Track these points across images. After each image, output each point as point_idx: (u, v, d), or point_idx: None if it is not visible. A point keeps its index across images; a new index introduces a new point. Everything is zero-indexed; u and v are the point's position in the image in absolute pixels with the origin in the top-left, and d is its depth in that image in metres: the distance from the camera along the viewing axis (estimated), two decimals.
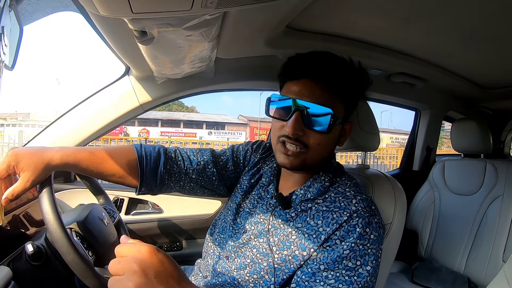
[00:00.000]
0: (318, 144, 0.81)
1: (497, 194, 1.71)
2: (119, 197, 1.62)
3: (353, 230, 0.74)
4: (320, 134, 0.79)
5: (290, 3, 0.85)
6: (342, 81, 0.81)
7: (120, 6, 0.63)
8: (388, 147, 23.95)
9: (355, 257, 0.73)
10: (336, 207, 0.79)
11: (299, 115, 0.78)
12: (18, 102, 50.85)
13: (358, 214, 0.76)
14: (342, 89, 0.81)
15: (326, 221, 0.77)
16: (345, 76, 0.82)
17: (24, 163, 0.75)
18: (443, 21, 1.16)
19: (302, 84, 0.81)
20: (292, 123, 0.78)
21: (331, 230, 0.76)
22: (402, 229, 1.00)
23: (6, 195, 0.74)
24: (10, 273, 0.79)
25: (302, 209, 0.83)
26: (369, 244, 0.74)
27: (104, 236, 0.97)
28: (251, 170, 1.01)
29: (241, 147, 1.06)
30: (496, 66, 1.67)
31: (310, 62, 0.83)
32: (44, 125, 1.47)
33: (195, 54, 1.08)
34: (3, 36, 0.51)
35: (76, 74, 78.14)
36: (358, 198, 0.79)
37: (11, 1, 0.52)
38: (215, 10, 0.71)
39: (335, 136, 0.86)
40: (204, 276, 0.96)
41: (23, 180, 0.75)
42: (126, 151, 0.93)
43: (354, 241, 0.74)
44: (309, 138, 0.80)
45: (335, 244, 0.75)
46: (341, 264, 0.73)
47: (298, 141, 0.80)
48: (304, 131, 0.79)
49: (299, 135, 0.79)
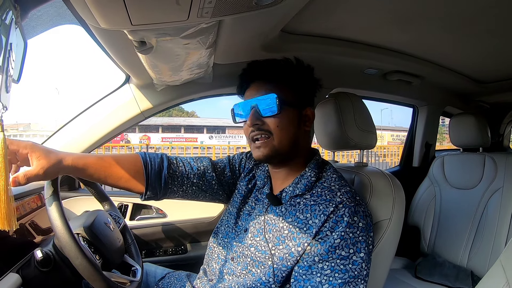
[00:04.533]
0: (278, 127, 0.89)
1: (496, 187, 1.72)
2: (123, 203, 1.64)
3: (341, 220, 0.79)
4: (275, 118, 0.89)
5: (283, 9, 0.88)
6: (279, 72, 0.93)
7: (120, 19, 0.66)
8: (390, 144, 23.93)
9: (347, 245, 0.77)
10: (323, 200, 0.83)
11: (254, 110, 0.90)
12: (18, 113, 50.98)
13: (343, 205, 0.80)
14: (283, 78, 0.92)
15: (314, 213, 0.82)
16: (280, 67, 0.94)
17: (41, 152, 0.75)
18: (437, 19, 1.18)
19: (249, 89, 0.95)
20: (250, 117, 0.90)
21: (320, 222, 0.80)
22: (401, 224, 1.01)
23: (17, 176, 0.73)
24: (20, 280, 0.82)
25: (291, 205, 0.88)
26: (358, 232, 0.79)
27: (110, 240, 0.98)
28: (247, 176, 1.08)
29: (236, 156, 1.14)
30: (491, 60, 1.68)
31: (249, 71, 0.96)
32: (45, 135, 1.49)
33: (193, 61, 1.11)
34: (11, 52, 0.53)
35: (75, 84, 78.31)
36: (342, 191, 0.84)
37: (16, 18, 0.55)
38: (210, 19, 0.74)
39: (293, 119, 0.92)
40: (210, 280, 1.00)
41: (37, 166, 0.74)
42: (131, 157, 0.97)
43: (343, 230, 0.78)
44: (268, 124, 0.90)
45: (326, 236, 0.78)
46: (335, 254, 0.77)
47: (261, 129, 0.90)
48: (262, 120, 0.90)
49: (258, 124, 0.90)
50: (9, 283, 0.78)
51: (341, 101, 1.13)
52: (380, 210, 0.98)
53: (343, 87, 1.73)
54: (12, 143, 0.72)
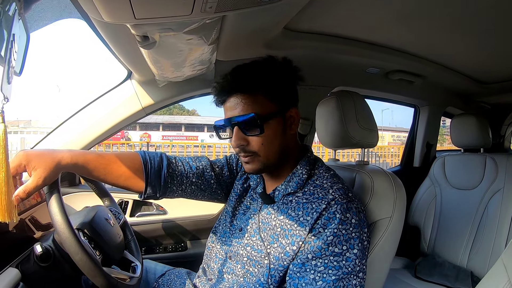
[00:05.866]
0: (262, 145, 0.86)
1: (497, 187, 1.72)
2: (123, 200, 1.64)
3: (333, 216, 0.78)
4: (259, 137, 0.85)
5: (286, 5, 0.88)
6: (251, 81, 0.85)
7: (124, 12, 0.65)
8: (390, 145, 23.94)
9: (340, 242, 0.77)
10: (315, 198, 0.83)
11: (237, 129, 0.86)
12: (19, 109, 50.96)
13: (336, 202, 0.79)
14: (257, 88, 0.85)
15: (306, 211, 0.81)
16: (253, 75, 0.86)
17: (36, 162, 0.76)
18: (439, 18, 1.18)
19: (227, 103, 0.88)
20: (234, 138, 0.86)
21: (312, 220, 0.79)
22: (402, 224, 1.01)
23: (18, 193, 0.73)
24: (19, 275, 0.81)
25: (283, 202, 0.88)
26: (351, 228, 0.78)
27: (110, 236, 0.98)
28: (243, 176, 1.08)
29: (233, 156, 1.13)
30: (493, 61, 1.68)
31: (222, 83, 0.88)
32: (45, 132, 1.48)
33: (196, 57, 1.10)
34: (14, 43, 0.53)
35: (76, 80, 78.29)
36: (334, 188, 0.83)
37: (20, 10, 0.55)
38: (214, 14, 0.73)
39: (277, 129, 0.87)
40: (209, 279, 1.00)
41: (35, 177, 0.75)
42: (131, 155, 0.97)
43: (336, 226, 0.77)
44: (253, 144, 0.86)
45: (319, 233, 0.78)
46: (328, 251, 0.77)
47: (245, 151, 0.87)
48: (246, 139, 0.86)
49: (243, 145, 0.86)
50: (8, 278, 0.78)
51: (343, 99, 1.13)
52: (381, 209, 0.98)
53: (345, 85, 1.72)
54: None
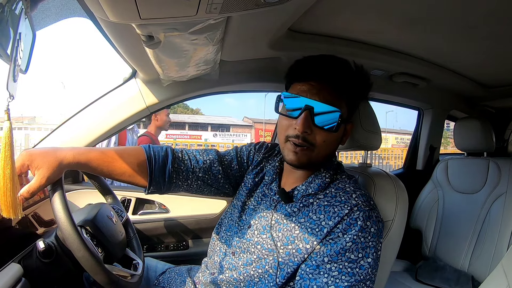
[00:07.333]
0: (324, 142, 0.84)
1: (500, 192, 1.72)
2: (126, 197, 1.64)
3: (354, 223, 0.77)
4: (327, 133, 0.83)
5: (291, 7, 0.87)
6: (346, 83, 0.85)
7: (129, 12, 0.66)
8: (394, 147, 23.86)
9: (357, 249, 0.76)
10: (337, 201, 0.82)
11: (308, 114, 0.82)
12: (23, 106, 51.32)
13: (358, 208, 0.79)
14: (346, 91, 0.85)
15: (328, 215, 0.80)
16: (349, 78, 0.86)
17: (39, 161, 0.77)
18: (444, 21, 1.17)
19: (310, 85, 0.84)
20: (301, 121, 0.81)
21: (333, 224, 0.79)
22: (403, 227, 1.01)
23: (22, 193, 0.74)
24: (21, 270, 0.82)
25: (304, 204, 0.86)
26: (369, 237, 0.77)
27: (112, 234, 0.98)
28: (255, 169, 1.05)
29: (244, 148, 1.10)
30: (498, 64, 1.67)
31: (318, 65, 0.87)
32: (50, 129, 1.49)
33: (200, 57, 1.10)
34: (20, 41, 0.54)
35: (81, 78, 78.63)
36: (357, 193, 0.83)
37: (26, 9, 0.55)
38: (219, 15, 0.74)
39: (340, 135, 0.89)
40: (212, 273, 1.00)
41: (38, 177, 0.76)
42: (135, 150, 0.96)
43: (356, 233, 0.77)
44: (316, 136, 0.84)
45: (338, 237, 0.78)
46: (344, 256, 0.76)
47: (306, 140, 0.84)
48: (311, 129, 0.83)
49: (307, 133, 0.83)
50: (10, 273, 0.78)
51: None
52: (383, 211, 0.98)
53: None
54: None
